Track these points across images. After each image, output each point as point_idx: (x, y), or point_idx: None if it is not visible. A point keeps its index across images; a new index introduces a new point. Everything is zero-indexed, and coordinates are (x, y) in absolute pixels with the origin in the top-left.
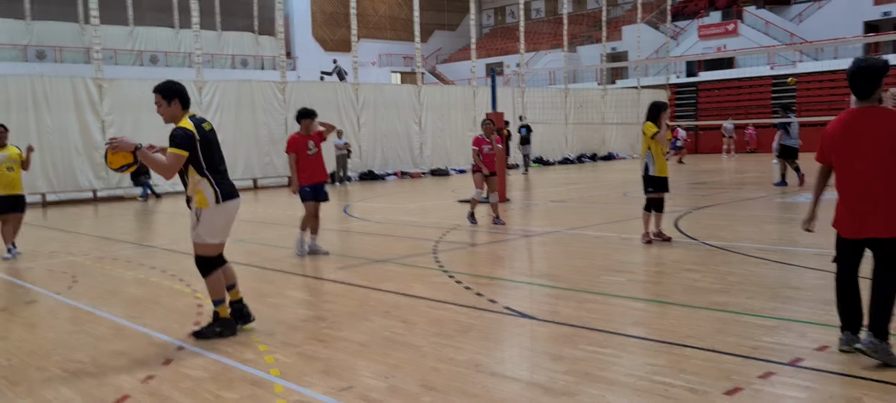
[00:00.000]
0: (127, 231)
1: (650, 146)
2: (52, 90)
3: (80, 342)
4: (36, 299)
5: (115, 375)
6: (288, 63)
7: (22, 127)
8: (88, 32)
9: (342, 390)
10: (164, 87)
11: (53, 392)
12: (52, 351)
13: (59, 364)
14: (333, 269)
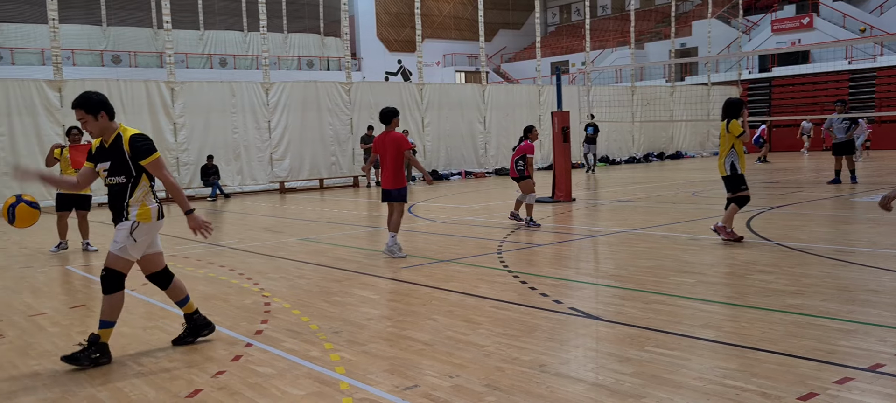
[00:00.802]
0: None
1: (734, 144)
2: (128, 93)
3: (154, 337)
4: None
5: (187, 370)
6: (353, 63)
7: None
8: (161, 37)
9: (407, 389)
10: (85, 101)
11: (129, 386)
12: (128, 346)
13: (134, 358)
14: (398, 269)
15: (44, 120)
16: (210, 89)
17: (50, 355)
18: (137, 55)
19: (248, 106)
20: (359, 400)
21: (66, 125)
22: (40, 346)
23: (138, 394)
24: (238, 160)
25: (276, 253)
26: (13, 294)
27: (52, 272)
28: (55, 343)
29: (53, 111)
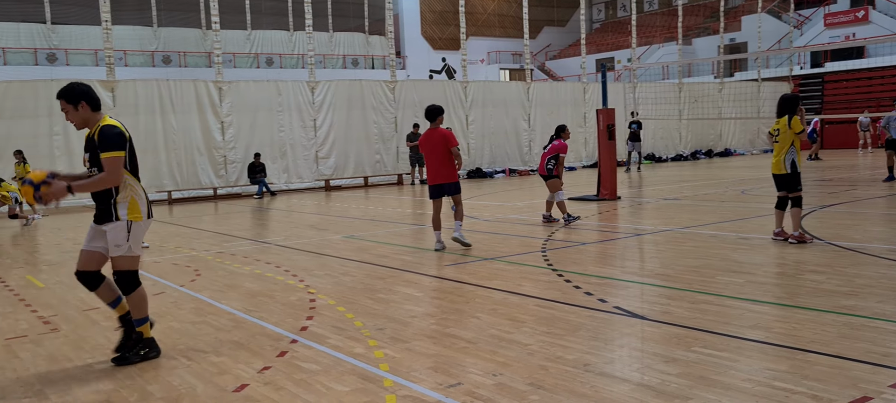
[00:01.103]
0: (244, 227)
1: (794, 141)
2: (177, 93)
3: (202, 332)
4: (163, 291)
5: (234, 364)
6: (397, 62)
7: (150, 128)
8: (210, 38)
9: (450, 386)
10: (68, 91)
11: (178, 379)
12: (178, 341)
13: (183, 352)
14: (442, 266)
15: None
16: (257, 88)
17: (102, 349)
18: (187, 55)
19: (293, 104)
20: (402, 397)
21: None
22: (93, 340)
23: (187, 387)
24: (284, 158)
25: (321, 251)
26: (68, 289)
27: (105, 268)
28: (108, 337)
29: (106, 111)
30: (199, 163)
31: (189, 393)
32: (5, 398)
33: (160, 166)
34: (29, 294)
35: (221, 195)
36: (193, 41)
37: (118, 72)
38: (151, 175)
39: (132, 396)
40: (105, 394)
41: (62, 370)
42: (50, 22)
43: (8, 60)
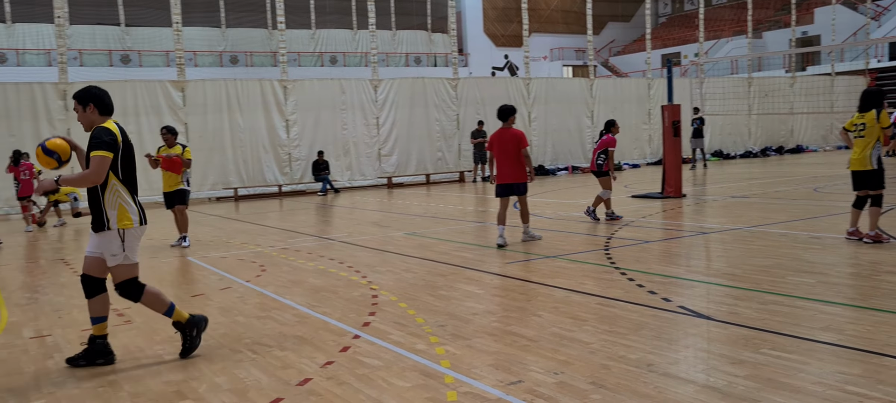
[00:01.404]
0: (308, 224)
1: (880, 136)
2: (243, 92)
3: (267, 327)
4: (229, 286)
5: (298, 359)
6: (460, 59)
7: (217, 127)
8: (275, 37)
9: (511, 384)
10: (80, 93)
11: (244, 372)
12: (244, 335)
13: (249, 346)
14: (503, 264)
15: (168, 118)
16: (321, 87)
17: (173, 340)
18: (253, 55)
19: (357, 102)
20: (463, 394)
21: (188, 123)
22: (164, 332)
23: (253, 380)
24: (347, 156)
25: (383, 247)
26: None
27: (175, 263)
28: None
29: (177, 110)
30: (264, 160)
31: (254, 386)
32: (80, 386)
33: (227, 164)
34: None
35: (286, 192)
36: (259, 41)
37: (188, 73)
38: (218, 172)
39: (201, 387)
40: (175, 385)
41: (136, 361)
42: (124, 24)
43: (84, 62)
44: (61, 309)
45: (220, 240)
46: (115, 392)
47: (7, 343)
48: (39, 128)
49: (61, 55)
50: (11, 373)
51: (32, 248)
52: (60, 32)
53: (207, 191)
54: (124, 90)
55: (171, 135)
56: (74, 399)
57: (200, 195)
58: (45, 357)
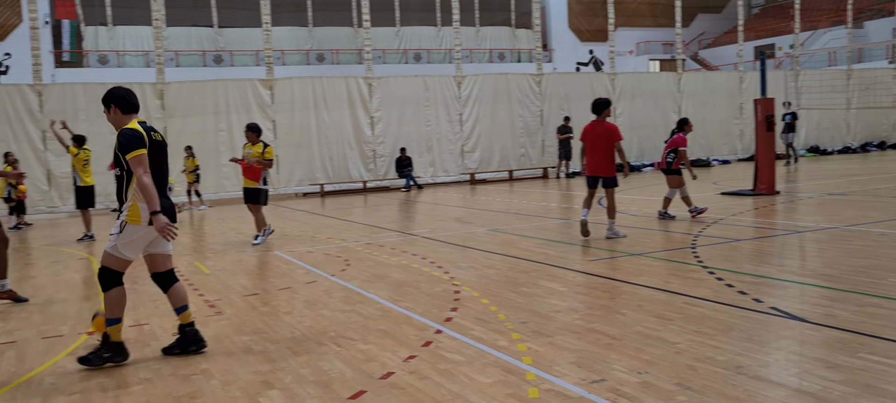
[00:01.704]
0: (391, 219)
1: None
2: (330, 89)
3: (352, 320)
4: (315, 279)
5: (381, 352)
6: (544, 55)
7: (304, 124)
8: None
9: (593, 382)
10: (104, 95)
11: (329, 364)
12: (328, 328)
13: (333, 339)
14: (586, 261)
15: (257, 116)
16: (405, 83)
17: (261, 332)
18: (339, 53)
19: (440, 99)
20: (545, 391)
21: (276, 121)
22: (252, 324)
23: (337, 373)
24: (430, 152)
25: (465, 243)
26: (231, 276)
27: (263, 256)
28: (266, 321)
29: (265, 108)
30: (349, 157)
31: (338, 378)
32: (175, 373)
33: (313, 160)
34: (197, 279)
35: (370, 188)
36: (345, 39)
37: (276, 71)
38: (305, 168)
39: (287, 378)
40: (263, 375)
41: (225, 351)
42: (217, 26)
43: (180, 62)
44: (158, 300)
45: (307, 235)
46: (206, 380)
47: None
48: None
49: (159, 56)
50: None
51: None
52: (158, 34)
53: (294, 186)
54: (216, 89)
55: (254, 133)
56: (169, 385)
57: (287, 190)
58: (142, 345)
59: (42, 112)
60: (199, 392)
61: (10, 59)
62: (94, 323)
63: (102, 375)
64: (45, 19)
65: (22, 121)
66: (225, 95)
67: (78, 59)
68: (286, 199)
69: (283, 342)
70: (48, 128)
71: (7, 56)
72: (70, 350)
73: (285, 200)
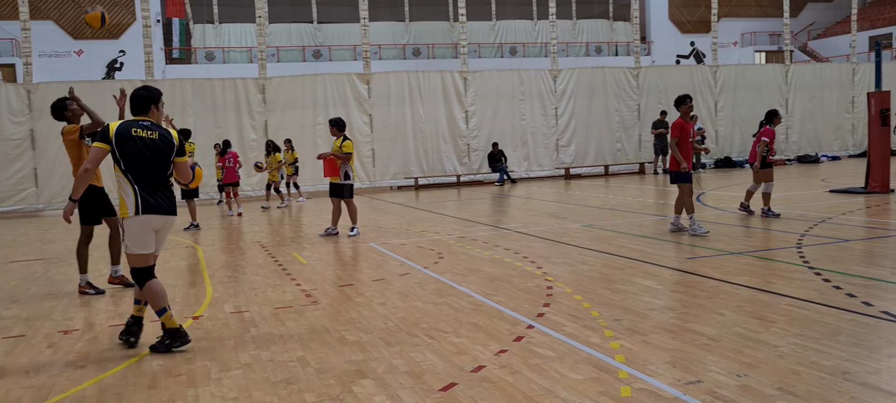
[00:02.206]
0: (484, 213)
1: None
2: (425, 83)
3: (444, 313)
4: (408, 271)
5: (472, 345)
6: (642, 48)
7: (400, 118)
8: (456, 29)
9: (689, 383)
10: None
11: (420, 356)
12: (421, 319)
13: (425, 330)
14: (683, 259)
15: (354, 109)
16: (499, 77)
17: (356, 322)
18: (435, 47)
19: (535, 93)
20: (638, 390)
21: (373, 115)
22: (347, 314)
23: (428, 364)
24: (525, 146)
25: (559, 239)
26: (327, 266)
27: (358, 248)
28: (360, 311)
29: (362, 102)
30: (443, 150)
31: (430, 370)
32: (273, 359)
33: (408, 154)
34: (294, 269)
35: (464, 182)
36: (441, 33)
37: (373, 66)
38: (400, 162)
39: (379, 368)
40: (356, 364)
41: (320, 339)
42: (316, 22)
43: (281, 58)
44: (257, 288)
45: (400, 228)
46: (302, 367)
47: (211, 316)
48: (241, 119)
49: (261, 52)
50: (214, 343)
51: (232, 231)
52: (261, 31)
53: (389, 180)
54: (315, 83)
55: (336, 127)
56: (267, 370)
57: (382, 184)
58: (242, 331)
59: None
60: (295, 379)
61: (125, 56)
62: None
63: (207, 359)
64: (157, 18)
65: None
66: (323, 89)
67: (186, 55)
68: (381, 192)
69: (376, 332)
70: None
71: (122, 53)
72: None
73: (380, 193)
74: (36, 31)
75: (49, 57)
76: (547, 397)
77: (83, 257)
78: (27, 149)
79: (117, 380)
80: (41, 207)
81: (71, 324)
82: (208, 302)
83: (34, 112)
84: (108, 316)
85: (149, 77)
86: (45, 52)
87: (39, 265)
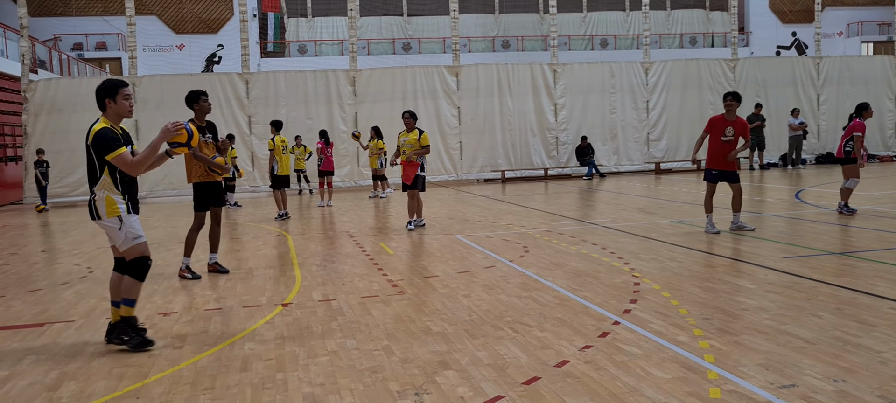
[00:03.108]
0: (572, 207)
1: None
2: (514, 76)
3: (528, 307)
4: (493, 264)
5: (556, 340)
6: (740, 39)
7: (488, 111)
8: (547, 22)
9: (783, 387)
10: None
11: (504, 349)
12: (505, 313)
13: (509, 324)
14: (779, 258)
15: (443, 102)
16: (590, 70)
17: (440, 313)
18: (524, 40)
19: (626, 86)
20: (727, 392)
21: (461, 107)
22: (432, 305)
23: (512, 357)
24: (614, 140)
25: (647, 234)
26: (413, 257)
27: (444, 240)
28: (444, 303)
29: (451, 94)
30: (531, 143)
31: (513, 363)
32: (358, 347)
33: (496, 146)
34: (381, 259)
35: (552, 176)
36: (531, 26)
37: (462, 58)
38: (488, 154)
39: (463, 359)
40: (440, 355)
41: (405, 329)
42: (406, 15)
43: (371, 50)
44: (345, 277)
45: (487, 221)
46: (387, 357)
47: (300, 303)
48: (332, 111)
49: (352, 45)
50: (303, 330)
51: (321, 221)
52: (352, 24)
53: (476, 172)
54: (404, 75)
55: (412, 119)
56: (353, 358)
57: (469, 176)
58: (330, 319)
59: (248, 99)
60: (380, 368)
61: (223, 50)
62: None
63: (295, 345)
64: (253, 13)
65: (231, 106)
66: (412, 82)
67: (280, 49)
68: (467, 185)
69: (460, 324)
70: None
71: (220, 47)
72: (267, 319)
73: (466, 186)
74: (140, 27)
75: (152, 51)
76: (632, 395)
77: (191, 242)
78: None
79: (211, 362)
80: (144, 195)
81: (170, 307)
82: (297, 290)
83: (138, 104)
84: (205, 299)
85: (245, 70)
86: (148, 47)
87: None
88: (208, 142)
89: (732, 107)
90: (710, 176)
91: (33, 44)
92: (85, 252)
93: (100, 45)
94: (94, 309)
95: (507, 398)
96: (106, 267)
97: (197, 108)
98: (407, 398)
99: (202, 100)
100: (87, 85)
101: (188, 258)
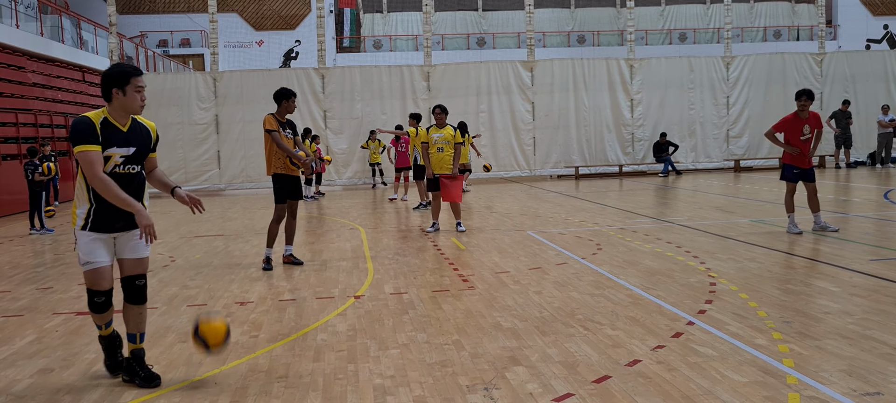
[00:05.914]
0: (647, 205)
1: None
2: (589, 71)
3: (600, 305)
4: (565, 261)
5: (628, 339)
6: (827, 32)
7: (562, 106)
8: (624, 16)
9: (867, 394)
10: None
11: (575, 346)
12: (577, 310)
13: (581, 322)
14: (865, 261)
15: (517, 97)
16: (668, 65)
17: (511, 309)
18: (600, 34)
19: (706, 81)
20: (807, 398)
21: (535, 102)
22: (502, 301)
23: (582, 355)
24: (693, 136)
25: (725, 234)
26: (484, 253)
27: (516, 236)
28: (515, 299)
29: (525, 89)
30: (607, 139)
31: (584, 361)
32: (429, 341)
33: (570, 142)
34: (453, 254)
35: (627, 172)
36: (607, 20)
37: (537, 53)
38: (561, 150)
39: (533, 356)
40: (510, 351)
41: (475, 324)
42: (481, 10)
43: (445, 45)
44: (417, 271)
45: (559, 218)
46: (457, 351)
47: (372, 296)
48: (406, 106)
49: (427, 40)
50: (374, 322)
51: (395, 215)
52: (427, 19)
53: (550, 168)
54: (479, 71)
55: (444, 113)
56: (423, 352)
57: (542, 172)
58: (401, 312)
59: (324, 93)
60: (450, 362)
61: (300, 46)
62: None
63: (366, 337)
64: (330, 9)
65: (307, 101)
66: (487, 77)
67: (356, 44)
68: (541, 181)
69: (531, 320)
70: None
71: (297, 43)
72: (340, 310)
73: (539, 182)
74: (222, 23)
75: (233, 47)
76: (706, 397)
77: (272, 234)
78: (212, 133)
79: (285, 351)
80: (223, 187)
81: (246, 296)
82: (369, 283)
83: (219, 98)
84: (280, 290)
85: (321, 65)
86: (229, 43)
87: (220, 240)
88: (289, 138)
89: (806, 106)
90: (790, 174)
91: (121, 40)
92: (168, 241)
93: (184, 42)
94: (175, 297)
95: (577, 395)
96: (188, 257)
97: (284, 104)
98: (476, 392)
99: (291, 100)
100: (172, 80)
101: (270, 248)
